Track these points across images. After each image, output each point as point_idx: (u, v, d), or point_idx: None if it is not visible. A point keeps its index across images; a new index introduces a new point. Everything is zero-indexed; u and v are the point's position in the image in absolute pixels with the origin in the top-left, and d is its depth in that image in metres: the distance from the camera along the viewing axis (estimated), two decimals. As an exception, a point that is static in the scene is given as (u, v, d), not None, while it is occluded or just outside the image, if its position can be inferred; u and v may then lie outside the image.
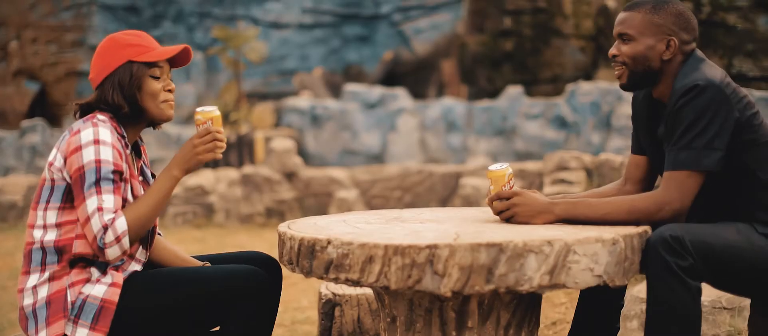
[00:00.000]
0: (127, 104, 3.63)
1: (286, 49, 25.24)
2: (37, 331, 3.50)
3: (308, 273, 3.33)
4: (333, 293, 4.78)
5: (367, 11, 25.50)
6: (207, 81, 24.20)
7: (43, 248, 3.54)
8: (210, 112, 3.64)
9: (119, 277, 3.55)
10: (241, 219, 13.18)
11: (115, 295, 3.50)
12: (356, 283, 3.19)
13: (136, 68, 3.64)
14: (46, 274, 3.52)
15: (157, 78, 3.69)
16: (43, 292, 3.50)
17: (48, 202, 3.55)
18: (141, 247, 3.71)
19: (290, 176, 13.82)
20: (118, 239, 3.40)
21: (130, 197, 3.60)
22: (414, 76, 24.44)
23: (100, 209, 3.40)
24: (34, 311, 3.50)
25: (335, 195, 13.32)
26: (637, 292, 5.12)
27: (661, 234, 3.35)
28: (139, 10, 25.20)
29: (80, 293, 3.49)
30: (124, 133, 3.67)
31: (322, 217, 4.00)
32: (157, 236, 3.92)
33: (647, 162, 3.99)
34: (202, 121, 3.57)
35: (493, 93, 21.56)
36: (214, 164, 17.06)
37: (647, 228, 3.47)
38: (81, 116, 3.70)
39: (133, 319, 3.52)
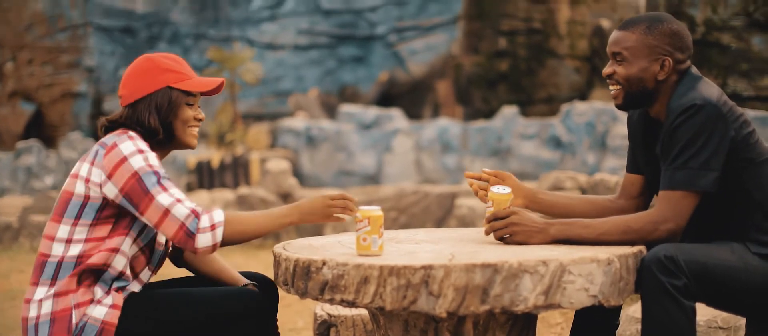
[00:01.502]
0: (162, 128, 3.66)
1: (281, 71, 25.26)
2: None
3: (303, 294, 3.33)
4: (328, 314, 4.77)
5: (362, 32, 25.54)
6: (203, 102, 24.20)
7: (59, 263, 3.51)
8: (373, 211, 3.48)
9: (119, 299, 3.53)
10: (236, 240, 13.15)
11: (114, 317, 3.49)
12: (351, 304, 3.19)
13: (175, 95, 3.68)
14: (53, 290, 3.50)
15: (190, 106, 3.73)
16: (48, 308, 3.49)
17: (78, 217, 3.53)
18: (147, 267, 3.70)
19: (286, 197, 13.81)
20: (213, 227, 3.44)
21: None
22: (409, 97, 24.46)
23: (178, 200, 3.45)
24: (36, 326, 3.49)
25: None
26: (633, 312, 5.12)
27: (656, 254, 3.35)
28: (134, 32, 25.23)
29: (84, 314, 3.48)
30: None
31: (317, 238, 4.00)
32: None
33: (642, 180, 3.99)
34: (360, 219, 3.49)
35: (489, 113, 21.58)
36: (209, 185, 17.05)
37: (642, 248, 3.47)
38: (107, 132, 3.70)
39: None
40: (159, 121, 3.65)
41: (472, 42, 23.19)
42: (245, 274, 4.01)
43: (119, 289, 3.57)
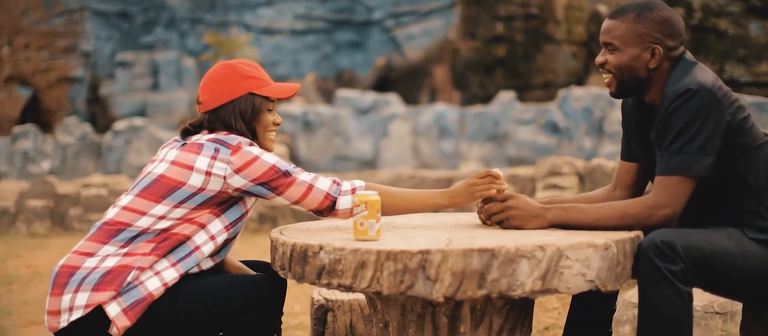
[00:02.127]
0: (247, 132, 3.80)
1: (278, 56, 25.23)
2: (77, 290, 3.52)
3: (300, 278, 3.33)
4: (325, 299, 4.78)
5: (359, 17, 25.51)
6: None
7: (141, 233, 3.60)
8: (370, 196, 3.52)
9: (173, 280, 3.60)
10: (233, 225, 13.15)
11: (160, 293, 3.56)
12: (348, 289, 3.19)
13: (259, 102, 3.84)
14: (125, 250, 3.58)
15: (270, 111, 3.88)
16: (111, 263, 3.55)
17: (183, 202, 3.62)
18: (212, 258, 3.78)
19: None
20: (353, 190, 3.70)
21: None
22: (406, 82, 24.44)
23: (318, 177, 3.71)
24: (88, 275, 3.53)
25: (328, 201, 13.29)
26: (630, 297, 5.12)
27: (653, 239, 3.36)
28: (131, 16, 25.19)
29: (138, 279, 3.54)
30: None
31: (314, 223, 4.00)
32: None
33: (637, 168, 3.99)
34: (357, 204, 3.53)
35: (485, 99, 21.57)
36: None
37: (639, 233, 3.47)
38: (184, 136, 3.84)
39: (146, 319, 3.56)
40: (245, 126, 3.80)
41: (469, 27, 23.17)
42: (250, 264, 4.05)
43: (186, 271, 3.65)
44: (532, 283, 3.10)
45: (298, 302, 7.50)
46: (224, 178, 3.60)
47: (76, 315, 3.50)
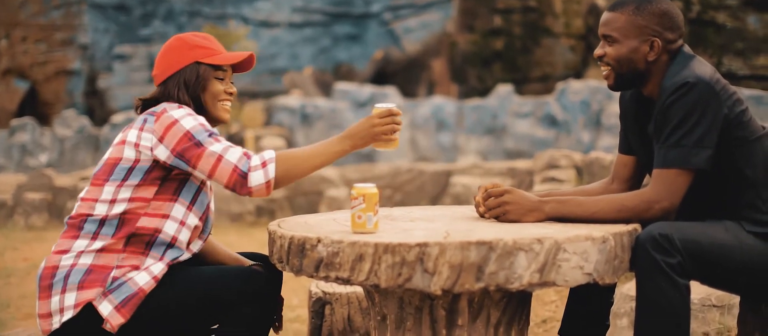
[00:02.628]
0: (191, 102, 3.75)
1: (276, 48, 25.23)
2: (63, 291, 3.52)
3: (298, 271, 3.34)
4: (323, 291, 4.78)
5: (357, 10, 25.51)
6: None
7: (102, 221, 3.58)
8: (367, 188, 3.48)
9: (162, 273, 3.61)
10: (231, 217, 13.18)
11: (151, 287, 3.56)
12: (346, 282, 3.19)
13: (203, 69, 3.78)
14: (97, 245, 3.56)
15: (220, 80, 3.83)
16: (88, 259, 3.55)
17: (124, 179, 3.60)
18: (199, 238, 3.80)
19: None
20: (264, 164, 3.51)
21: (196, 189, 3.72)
22: (404, 75, 24.44)
23: (230, 147, 3.54)
24: (68, 273, 3.53)
25: (325, 193, 13.32)
26: (627, 290, 5.13)
27: (650, 232, 3.36)
28: (129, 9, 25.18)
29: (126, 276, 3.54)
30: None
31: (312, 216, 4.00)
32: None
33: (634, 161, 3.99)
34: (355, 196, 3.51)
35: (483, 92, 21.57)
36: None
37: (637, 226, 3.47)
38: (143, 111, 3.80)
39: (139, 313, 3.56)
40: (188, 96, 3.75)
41: (467, 20, 23.16)
42: (247, 255, 4.04)
43: (173, 260, 3.66)
44: (530, 276, 3.10)
45: (296, 295, 7.50)
46: (151, 149, 3.59)
47: (68, 315, 3.51)
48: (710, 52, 16.35)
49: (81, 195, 3.68)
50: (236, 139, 17.42)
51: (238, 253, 4.08)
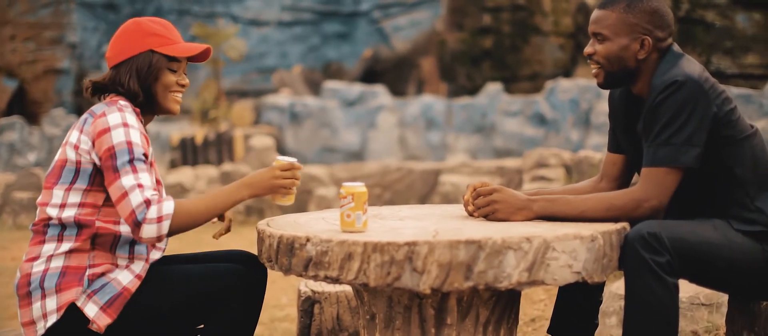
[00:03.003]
0: (142, 92, 3.68)
1: (265, 47, 25.21)
2: (43, 297, 3.50)
3: (287, 270, 3.33)
4: (312, 291, 4.78)
5: (346, 8, 25.50)
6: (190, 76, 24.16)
7: (61, 223, 3.55)
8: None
9: (144, 270, 3.60)
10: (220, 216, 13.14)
11: (135, 286, 3.55)
12: (335, 281, 3.19)
13: (156, 59, 3.69)
14: (65, 247, 3.54)
15: (173, 71, 3.75)
16: (59, 262, 3.52)
17: (72, 183, 3.56)
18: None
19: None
20: (160, 219, 3.41)
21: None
22: (393, 74, 24.44)
23: (140, 186, 3.42)
24: (43, 278, 3.51)
25: (315, 192, 13.31)
26: (616, 288, 5.13)
27: (639, 231, 3.36)
28: (117, 7, 25.14)
29: (104, 274, 3.53)
30: (142, 120, 3.73)
31: (301, 215, 4.00)
32: None
33: (624, 160, 3.99)
34: (344, 195, 3.50)
35: (473, 90, 21.58)
36: (193, 162, 17.02)
37: (626, 225, 3.48)
38: (93, 94, 3.75)
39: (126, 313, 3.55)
40: (138, 84, 3.67)
41: (456, 18, 23.17)
42: (233, 253, 4.00)
43: (145, 259, 3.64)
44: (519, 275, 3.10)
45: (285, 294, 7.49)
46: (89, 152, 3.54)
47: (52, 320, 3.49)
48: (699, 50, 16.38)
49: (38, 200, 3.65)
50: (225, 138, 17.39)
51: (224, 251, 4.05)
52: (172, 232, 3.46)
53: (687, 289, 4.91)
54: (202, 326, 3.73)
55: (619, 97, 3.93)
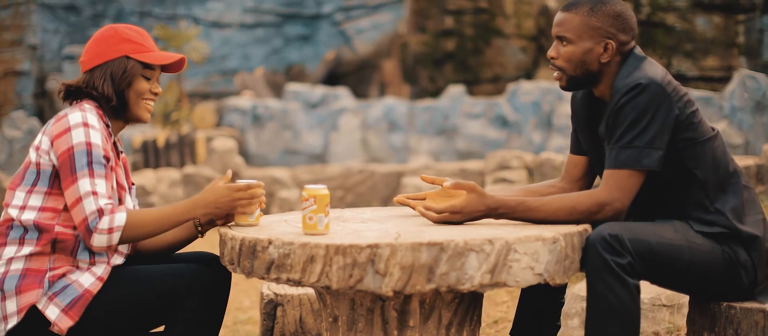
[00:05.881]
0: (115, 96, 3.67)
1: (227, 49, 25.13)
2: (3, 299, 3.49)
3: (249, 273, 3.33)
4: (275, 293, 4.77)
5: (308, 11, 25.47)
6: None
7: (23, 226, 3.54)
8: (318, 190, 3.48)
9: (106, 272, 3.58)
10: (182, 219, 13.09)
11: (97, 287, 3.54)
12: (298, 283, 3.18)
13: (131, 65, 3.70)
14: (26, 250, 3.52)
15: (147, 79, 3.76)
16: (19, 265, 3.51)
17: (33, 185, 3.56)
18: None
19: (232, 176, 13.76)
20: (110, 230, 3.43)
21: (114, 186, 3.63)
22: (356, 76, 24.43)
23: (94, 193, 3.43)
24: (2, 280, 3.50)
25: (277, 195, 13.28)
26: (578, 290, 5.15)
27: (600, 232, 3.38)
28: (78, 9, 24.99)
29: (64, 276, 3.52)
30: (109, 123, 3.71)
31: (263, 218, 3.99)
32: None
33: (585, 161, 4.01)
34: (306, 198, 3.47)
35: (435, 92, 21.60)
36: (155, 164, 16.95)
37: (587, 226, 3.49)
38: (66, 98, 3.74)
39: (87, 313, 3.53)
40: (112, 89, 3.68)
41: (418, 21, 23.19)
42: (195, 254, 3.99)
43: (107, 261, 3.62)
44: (481, 277, 3.11)
45: (248, 297, 7.48)
46: (48, 154, 3.54)
47: (12, 322, 3.49)
48: (660, 53, 16.47)
49: (4, 200, 3.64)
50: (188, 141, 17.32)
51: (187, 253, 4.03)
52: (122, 242, 3.49)
53: (648, 291, 4.93)
54: (162, 328, 3.72)
55: (581, 100, 3.94)
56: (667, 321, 4.94)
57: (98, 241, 3.44)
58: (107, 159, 3.53)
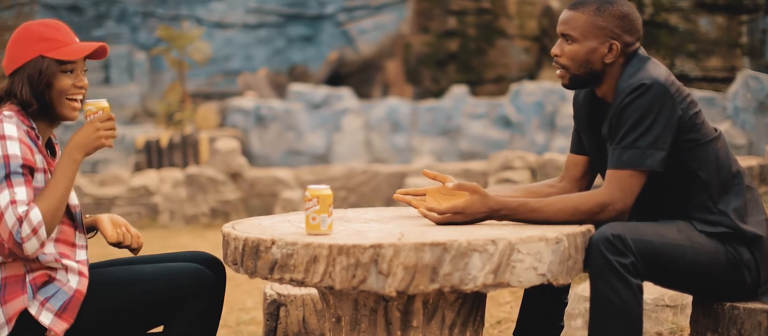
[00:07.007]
0: (36, 101, 3.53)
1: (230, 50, 25.13)
2: None
3: (253, 273, 3.32)
4: (278, 294, 4.77)
5: (311, 11, 25.47)
6: (151, 81, 24.04)
7: None
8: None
9: (85, 269, 3.56)
10: (185, 220, 13.11)
11: (84, 285, 3.51)
12: (301, 284, 3.18)
13: (46, 65, 3.53)
14: None
15: (69, 73, 3.58)
16: None
17: None
18: (77, 231, 3.68)
19: (235, 177, 13.76)
20: (34, 231, 3.33)
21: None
22: (359, 76, 24.42)
23: (13, 202, 3.33)
24: None
25: (280, 195, 13.28)
26: (581, 290, 5.15)
27: (603, 233, 3.37)
28: (81, 10, 25.00)
29: (51, 280, 3.49)
30: (34, 126, 3.57)
31: (266, 218, 3.99)
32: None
33: (586, 161, 4.00)
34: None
35: (438, 93, 21.59)
36: (158, 165, 16.94)
37: (590, 227, 3.49)
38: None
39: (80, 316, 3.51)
40: (31, 93, 3.52)
41: (421, 21, 23.19)
42: (192, 254, 3.96)
43: (73, 257, 3.58)
44: (485, 277, 3.11)
45: (251, 297, 7.47)
46: None
47: (4, 333, 3.45)
48: (663, 53, 16.45)
49: None
50: (190, 141, 17.32)
51: (182, 252, 4.00)
52: (49, 232, 3.39)
53: (651, 291, 4.93)
54: (159, 330, 3.72)
55: (583, 100, 3.94)
56: (670, 321, 4.93)
57: (31, 246, 3.34)
58: (28, 167, 3.42)
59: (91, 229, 3.88)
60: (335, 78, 24.26)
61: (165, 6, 25.15)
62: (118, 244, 3.81)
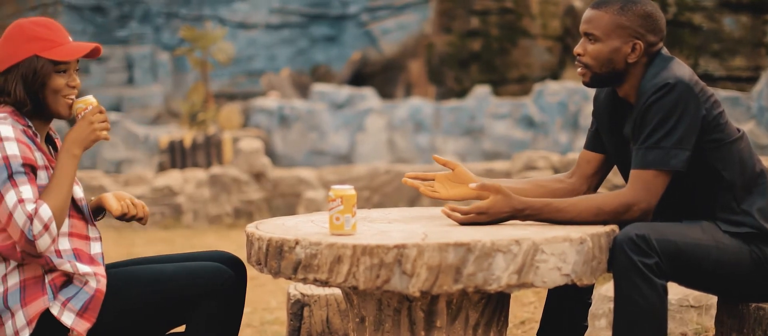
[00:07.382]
0: (30, 101, 3.54)
1: (253, 50, 25.18)
2: (12, 316, 3.46)
3: (276, 273, 3.33)
4: (301, 294, 4.77)
5: (334, 11, 25.49)
6: (174, 81, 24.12)
7: None
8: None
9: (101, 269, 3.56)
10: (209, 220, 13.14)
11: (104, 284, 3.52)
12: (324, 284, 3.19)
13: (41, 64, 3.52)
14: (13, 263, 3.48)
15: (63, 73, 3.58)
16: (15, 279, 3.48)
17: None
18: (88, 224, 3.68)
19: (258, 177, 13.79)
20: (46, 227, 3.34)
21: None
22: (382, 77, 24.43)
23: (21, 201, 3.34)
24: (5, 298, 3.46)
25: (303, 195, 13.30)
26: (605, 290, 5.14)
27: (627, 233, 3.36)
28: (105, 10, 25.09)
29: (72, 281, 3.50)
30: (30, 124, 3.58)
31: (290, 218, 3.99)
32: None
33: (599, 159, 3.98)
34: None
35: (461, 93, 21.59)
36: (182, 165, 16.99)
37: (614, 227, 3.48)
38: None
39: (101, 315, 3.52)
40: (25, 92, 3.52)
41: (444, 21, 23.19)
42: (213, 253, 3.96)
43: (90, 256, 3.59)
44: (508, 278, 3.10)
45: (274, 297, 7.48)
46: None
47: (26, 333, 3.45)
48: (686, 53, 16.40)
49: None
50: (214, 141, 17.37)
51: (201, 252, 4.00)
52: (60, 226, 3.41)
53: (676, 291, 4.91)
54: (181, 329, 3.73)
55: (604, 99, 3.92)
56: (695, 322, 4.92)
57: (43, 242, 3.36)
58: (30, 166, 3.43)
59: (99, 211, 3.89)
60: (358, 78, 24.28)
61: (188, 6, 25.22)
62: (123, 217, 3.81)
